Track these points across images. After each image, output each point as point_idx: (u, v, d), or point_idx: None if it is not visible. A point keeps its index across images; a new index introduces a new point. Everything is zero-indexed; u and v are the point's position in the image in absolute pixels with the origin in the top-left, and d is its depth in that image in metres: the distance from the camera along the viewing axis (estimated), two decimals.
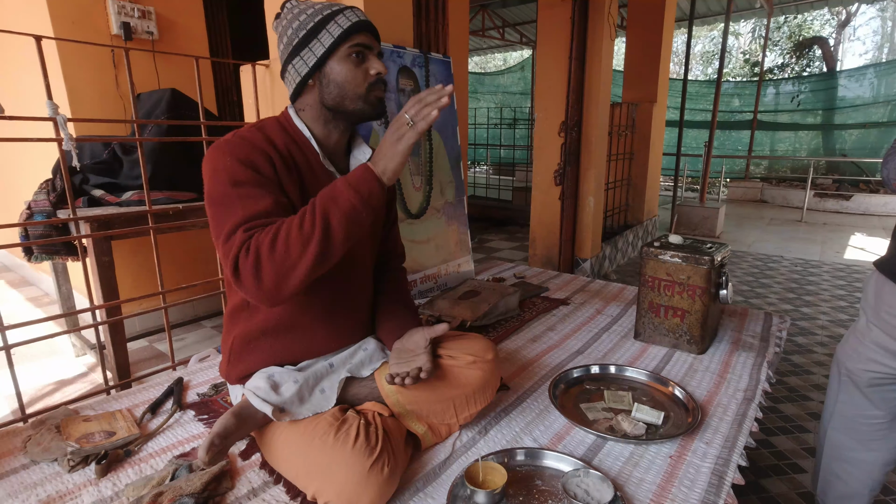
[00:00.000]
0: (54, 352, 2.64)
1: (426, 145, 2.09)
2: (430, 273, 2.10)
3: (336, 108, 1.02)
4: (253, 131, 0.98)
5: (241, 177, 0.91)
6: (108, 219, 1.85)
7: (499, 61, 17.61)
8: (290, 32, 1.00)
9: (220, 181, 0.91)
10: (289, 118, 1.06)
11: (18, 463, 1.04)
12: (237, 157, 0.92)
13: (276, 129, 1.02)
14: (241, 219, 0.88)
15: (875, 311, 1.22)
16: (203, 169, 0.96)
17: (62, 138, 1.44)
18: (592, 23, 3.52)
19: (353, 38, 0.99)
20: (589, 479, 0.94)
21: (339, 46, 0.98)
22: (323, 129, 1.06)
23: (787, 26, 13.56)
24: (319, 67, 1.00)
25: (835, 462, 1.35)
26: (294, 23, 1.00)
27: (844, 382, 1.31)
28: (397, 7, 1.88)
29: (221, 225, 0.89)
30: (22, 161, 3.23)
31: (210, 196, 0.93)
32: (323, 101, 1.02)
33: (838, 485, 1.35)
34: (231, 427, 0.94)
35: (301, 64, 1.00)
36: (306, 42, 0.99)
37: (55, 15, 2.46)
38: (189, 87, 2.65)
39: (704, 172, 6.00)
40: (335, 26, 0.98)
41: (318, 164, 1.04)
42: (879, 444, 1.27)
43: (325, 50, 0.98)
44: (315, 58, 0.99)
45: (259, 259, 0.84)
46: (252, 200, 0.90)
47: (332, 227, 0.85)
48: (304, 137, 1.04)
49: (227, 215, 0.89)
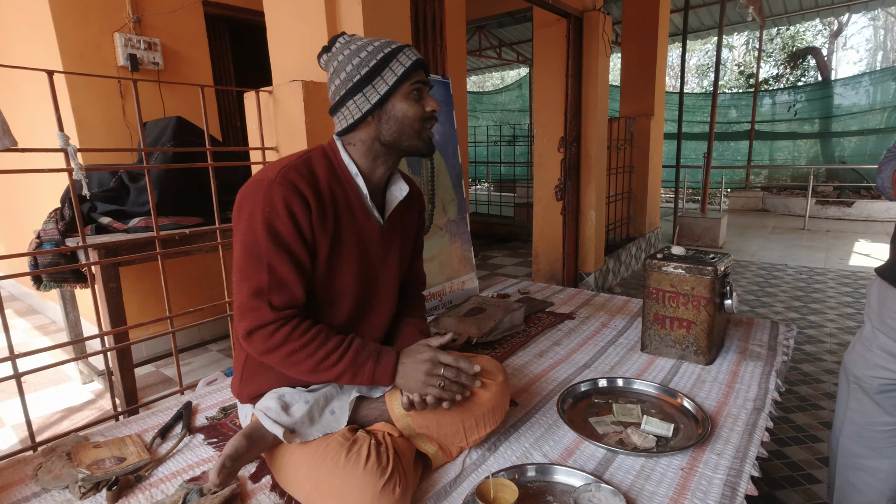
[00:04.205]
0: (62, 379, 2.64)
1: (427, 165, 2.12)
2: (434, 291, 2.11)
3: (392, 145, 1.04)
4: (299, 167, 0.98)
5: (280, 227, 0.93)
6: (115, 245, 1.87)
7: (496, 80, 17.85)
8: (350, 69, 1.00)
9: (256, 224, 0.92)
10: (336, 152, 1.05)
11: (30, 491, 1.04)
12: (281, 202, 0.93)
13: (322, 163, 1.02)
14: (268, 285, 0.93)
15: (880, 318, 1.23)
16: (240, 202, 0.96)
17: (73, 168, 1.47)
18: (587, 40, 3.59)
19: (414, 76, 1.01)
20: (601, 493, 0.93)
21: (402, 84, 1.00)
22: (371, 164, 1.06)
23: (781, 37, 13.73)
24: (382, 104, 1.01)
25: (849, 471, 1.34)
26: (354, 59, 1.00)
27: (854, 390, 1.30)
28: (396, 30, 1.93)
29: (247, 274, 0.94)
30: (31, 191, 3.28)
31: (243, 235, 0.94)
32: (380, 137, 1.03)
33: (854, 495, 1.33)
34: (242, 449, 0.94)
35: (363, 101, 1.00)
36: (369, 79, 0.99)
37: (64, 50, 2.53)
38: (194, 114, 2.71)
39: (705, 183, 6.03)
40: (398, 65, 0.99)
41: (359, 202, 1.05)
42: (893, 451, 1.25)
43: (389, 88, 0.99)
44: (378, 95, 0.99)
45: (278, 350, 0.95)
46: (283, 265, 0.94)
47: (339, 379, 0.99)
48: (349, 175, 1.04)
49: (256, 267, 0.94)
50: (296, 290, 0.96)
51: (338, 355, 0.97)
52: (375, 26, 1.77)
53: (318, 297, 1.02)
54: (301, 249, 0.96)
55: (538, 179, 3.83)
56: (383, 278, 1.12)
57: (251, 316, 0.93)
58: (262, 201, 0.93)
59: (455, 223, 2.28)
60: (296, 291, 0.96)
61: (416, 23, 2.31)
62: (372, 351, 1.01)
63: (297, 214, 0.94)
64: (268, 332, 0.93)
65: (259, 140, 1.99)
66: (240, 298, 0.94)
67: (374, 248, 1.09)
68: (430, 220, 2.12)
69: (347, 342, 0.99)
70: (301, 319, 0.96)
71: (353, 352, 0.98)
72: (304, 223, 0.95)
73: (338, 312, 1.06)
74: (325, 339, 0.97)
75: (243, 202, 0.95)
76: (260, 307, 0.93)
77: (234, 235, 0.97)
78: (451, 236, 2.24)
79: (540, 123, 3.76)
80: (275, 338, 0.93)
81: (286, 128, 1.89)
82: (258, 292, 0.93)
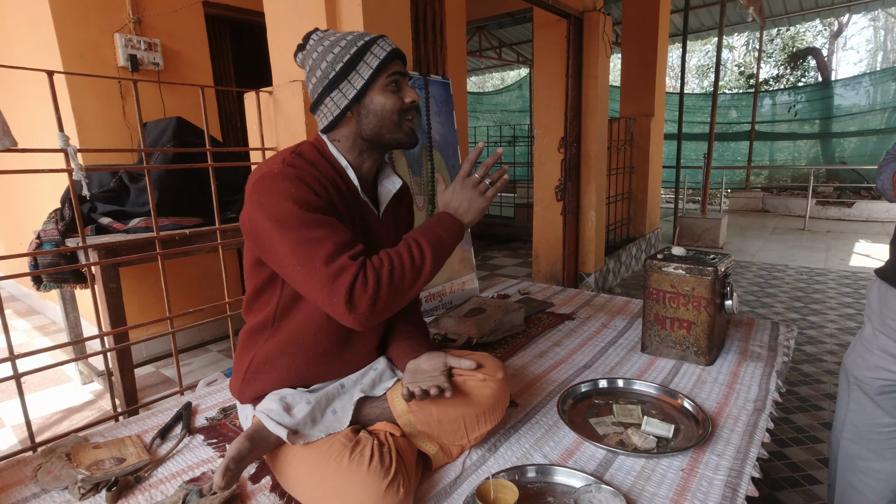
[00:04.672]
0: (61, 380, 2.64)
1: (428, 165, 2.12)
2: (434, 291, 2.11)
3: (374, 139, 1.03)
4: (298, 160, 0.96)
5: (311, 199, 0.91)
6: (115, 246, 1.87)
7: (496, 80, 17.85)
8: (325, 66, 0.99)
9: (288, 205, 0.89)
10: (325, 148, 1.04)
11: (29, 492, 1.04)
12: (299, 181, 0.91)
13: (314, 155, 1.01)
14: (336, 245, 0.88)
15: (880, 319, 1.23)
16: (257, 197, 0.91)
17: (73, 168, 1.47)
18: (587, 41, 3.59)
19: (390, 68, 0.99)
20: (601, 494, 0.93)
21: (378, 77, 0.98)
22: (357, 159, 1.05)
23: (781, 38, 13.73)
24: (359, 99, 0.99)
25: (850, 473, 1.33)
26: (328, 55, 0.98)
27: (854, 391, 1.30)
28: (396, 31, 1.93)
29: (313, 251, 0.87)
30: (30, 192, 3.28)
31: (279, 220, 0.89)
32: (361, 132, 1.02)
33: (855, 496, 1.33)
34: (245, 451, 0.94)
35: (340, 97, 0.99)
36: (345, 74, 0.98)
37: (65, 50, 2.53)
38: (194, 115, 2.71)
39: (705, 184, 6.02)
40: (372, 57, 0.98)
41: (355, 194, 1.04)
42: (894, 454, 1.25)
43: (364, 82, 0.97)
44: (355, 90, 0.98)
45: (379, 289, 0.88)
46: (333, 227, 0.90)
47: (438, 259, 0.95)
48: (342, 168, 1.03)
49: (314, 240, 0.88)
50: (354, 238, 0.93)
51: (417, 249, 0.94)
52: (375, 26, 1.77)
53: None
54: (333, 211, 0.95)
55: (538, 180, 3.83)
56: None
57: (339, 281, 0.86)
58: (283, 188, 0.90)
59: None
60: (354, 239, 0.93)
61: (416, 23, 2.31)
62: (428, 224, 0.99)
63: (317, 189, 0.93)
64: (362, 284, 0.87)
65: (259, 140, 1.99)
66: (319, 278, 0.87)
67: (376, 237, 1.09)
68: None
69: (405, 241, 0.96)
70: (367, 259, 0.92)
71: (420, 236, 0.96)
72: (324, 195, 0.94)
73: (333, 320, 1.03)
74: (398, 253, 0.93)
75: (259, 198, 0.91)
76: (341, 267, 0.87)
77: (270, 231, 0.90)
78: None
79: (540, 124, 3.76)
80: (370, 283, 0.87)
81: (286, 128, 1.89)
82: (331, 256, 0.87)
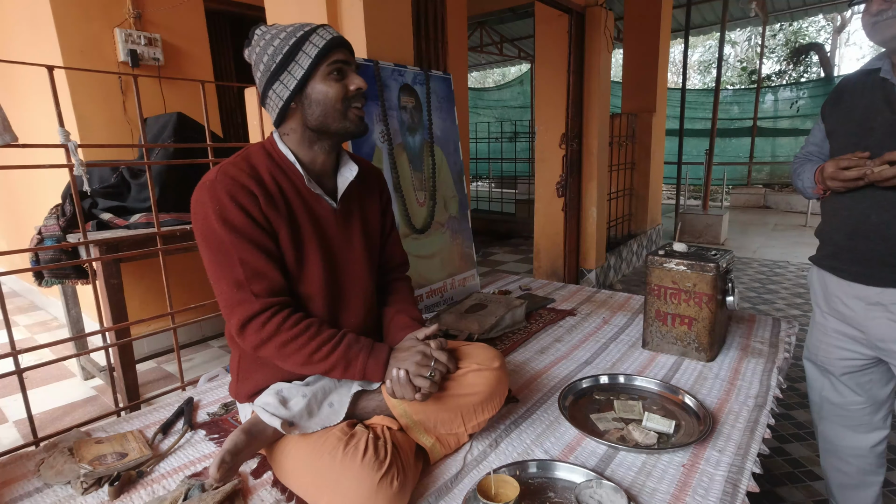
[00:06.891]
0: (63, 375, 2.65)
1: (429, 161, 2.12)
2: (436, 287, 2.11)
3: (320, 129, 1.03)
4: (239, 163, 0.99)
5: (233, 219, 0.95)
6: (116, 242, 1.87)
7: (498, 76, 17.80)
8: (266, 59, 0.99)
9: (212, 222, 0.94)
10: (274, 144, 1.06)
11: (32, 486, 1.04)
12: (226, 196, 0.94)
13: (261, 156, 1.03)
14: (245, 276, 0.95)
15: (827, 303, 1.32)
16: (192, 208, 0.98)
17: (73, 164, 1.46)
18: (589, 36, 3.58)
19: (331, 56, 0.99)
20: (602, 489, 0.93)
21: (318, 66, 0.98)
22: (308, 151, 1.06)
23: (783, 33, 13.66)
24: (301, 90, 0.99)
25: (831, 455, 1.41)
26: (269, 48, 0.99)
27: (823, 374, 1.38)
28: (398, 27, 1.92)
29: (222, 272, 0.96)
30: (32, 188, 3.28)
31: (204, 237, 0.97)
32: (307, 123, 1.02)
33: (839, 476, 1.40)
34: (241, 444, 0.94)
35: (282, 88, 0.99)
36: (284, 66, 0.98)
37: (65, 45, 2.53)
38: (195, 110, 2.71)
39: (706, 180, 6.01)
40: (311, 46, 0.97)
41: (304, 188, 1.05)
42: (866, 428, 1.34)
43: (304, 71, 0.97)
44: (295, 80, 0.98)
45: (271, 341, 0.96)
46: (251, 254, 0.96)
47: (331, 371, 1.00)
48: (289, 162, 1.04)
49: (227, 263, 0.96)
50: (273, 276, 0.97)
51: (330, 347, 0.98)
52: (377, 23, 1.77)
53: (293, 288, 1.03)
54: (261, 236, 0.97)
55: (539, 176, 3.83)
56: (350, 261, 1.11)
57: (239, 309, 0.95)
58: (210, 201, 0.95)
59: (456, 220, 2.27)
60: (273, 277, 0.97)
61: (417, 19, 2.30)
62: (364, 345, 1.01)
63: (246, 205, 0.96)
64: (259, 323, 0.95)
65: (260, 135, 1.98)
66: (224, 297, 0.97)
67: (332, 231, 1.08)
68: (432, 216, 2.12)
69: (340, 335, 1.00)
70: (291, 311, 0.98)
71: (345, 345, 0.99)
72: (254, 211, 0.97)
73: (313, 305, 1.05)
74: (318, 331, 0.98)
75: (195, 208, 0.97)
76: (245, 299, 0.95)
77: (198, 242, 0.99)
78: (452, 233, 2.24)
79: (541, 120, 3.75)
80: (266, 328, 0.95)
81: None
82: (238, 285, 0.95)
